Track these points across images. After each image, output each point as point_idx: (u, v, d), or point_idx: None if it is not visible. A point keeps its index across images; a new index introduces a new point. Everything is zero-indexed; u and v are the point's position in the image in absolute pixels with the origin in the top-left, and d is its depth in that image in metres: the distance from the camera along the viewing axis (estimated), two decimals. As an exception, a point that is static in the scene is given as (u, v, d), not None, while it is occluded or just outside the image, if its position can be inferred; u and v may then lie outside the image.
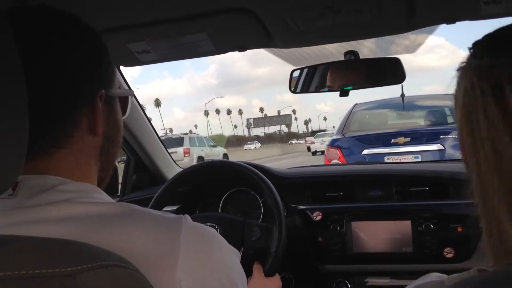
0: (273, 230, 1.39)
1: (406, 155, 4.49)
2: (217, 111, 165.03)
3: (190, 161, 16.64)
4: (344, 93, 1.34)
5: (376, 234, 1.51)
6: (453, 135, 4.41)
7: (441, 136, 4.52)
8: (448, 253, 1.44)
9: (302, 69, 1.44)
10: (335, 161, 4.70)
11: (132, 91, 0.80)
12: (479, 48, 0.52)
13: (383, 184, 1.61)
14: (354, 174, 1.73)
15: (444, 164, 2.04)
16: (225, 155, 21.74)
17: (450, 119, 5.00)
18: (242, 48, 1.27)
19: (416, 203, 1.53)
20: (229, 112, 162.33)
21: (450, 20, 1.13)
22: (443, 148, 4.42)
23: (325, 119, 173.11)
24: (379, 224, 1.51)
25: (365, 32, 1.19)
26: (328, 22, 1.10)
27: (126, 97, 0.79)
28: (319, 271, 1.59)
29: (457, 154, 4.10)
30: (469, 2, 1.04)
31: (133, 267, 0.50)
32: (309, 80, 1.45)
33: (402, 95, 5.00)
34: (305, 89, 1.45)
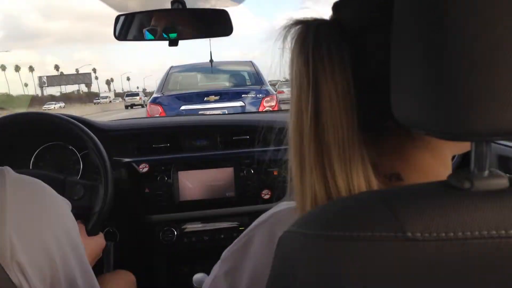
0: (98, 188, 1.33)
1: (216, 110, 5.21)
2: (3, 68, 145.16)
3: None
4: (172, 43, 1.33)
5: (202, 182, 1.57)
6: (251, 95, 5.50)
7: (242, 95, 5.49)
8: (266, 194, 1.58)
9: (127, 16, 1.37)
10: (157, 116, 5.06)
11: None
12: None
13: (208, 134, 1.67)
14: (180, 125, 1.75)
15: (264, 114, 2.20)
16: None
17: (248, 82, 6.16)
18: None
19: (238, 151, 1.63)
20: (17, 68, 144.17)
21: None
22: (244, 104, 5.38)
23: (128, 79, 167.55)
24: (204, 173, 1.57)
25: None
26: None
27: None
28: (145, 221, 1.59)
29: (253, 109, 5.32)
30: None
31: None
32: (134, 28, 1.39)
33: (211, 60, 5.65)
34: (130, 37, 1.40)
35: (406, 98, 0.38)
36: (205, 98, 5.39)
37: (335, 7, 0.55)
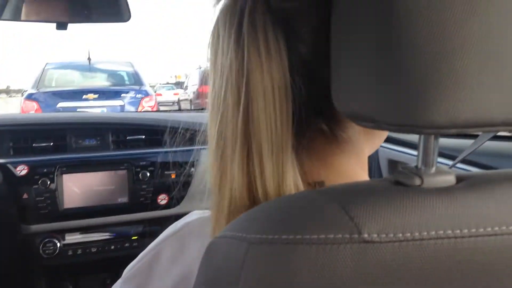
0: None
1: (95, 108, 5.29)
2: None
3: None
4: (61, 26, 1.16)
5: (90, 186, 1.41)
6: (130, 94, 5.64)
7: (122, 95, 5.61)
8: (162, 199, 1.47)
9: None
10: (33, 113, 4.93)
11: None
12: None
13: (98, 133, 1.51)
14: (65, 122, 1.55)
15: (159, 113, 2.07)
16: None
17: (127, 82, 6.29)
18: None
19: (132, 151, 1.50)
20: None
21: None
22: (123, 103, 5.51)
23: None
24: (93, 176, 1.42)
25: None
26: None
27: None
28: (22, 232, 1.38)
29: (132, 109, 5.50)
30: None
31: None
32: (12, 5, 1.20)
33: (89, 58, 6.26)
34: (7, 16, 1.20)
35: (353, 90, 0.35)
36: (84, 96, 5.40)
37: None
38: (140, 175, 1.44)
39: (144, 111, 5.00)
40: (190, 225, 0.53)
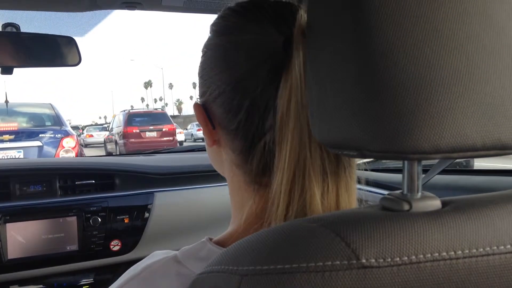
0: None
1: (11, 150, 5.25)
2: None
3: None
4: (6, 71, 1.12)
5: (37, 235, 1.34)
6: (49, 134, 5.58)
7: (40, 135, 5.53)
8: (115, 245, 1.42)
9: None
10: None
11: None
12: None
13: (44, 179, 1.45)
14: (8, 168, 1.48)
15: (109, 157, 2.01)
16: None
17: (47, 123, 6.20)
18: None
19: (82, 197, 1.44)
20: None
21: (131, 6, 1.12)
22: (41, 144, 5.42)
23: None
24: (40, 224, 1.35)
25: (41, 3, 1.04)
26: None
27: None
28: None
29: (51, 150, 5.40)
30: None
31: None
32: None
33: (6, 101, 6.28)
34: None
35: (334, 121, 0.36)
36: None
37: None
38: (90, 221, 1.38)
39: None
40: (153, 266, 0.51)
